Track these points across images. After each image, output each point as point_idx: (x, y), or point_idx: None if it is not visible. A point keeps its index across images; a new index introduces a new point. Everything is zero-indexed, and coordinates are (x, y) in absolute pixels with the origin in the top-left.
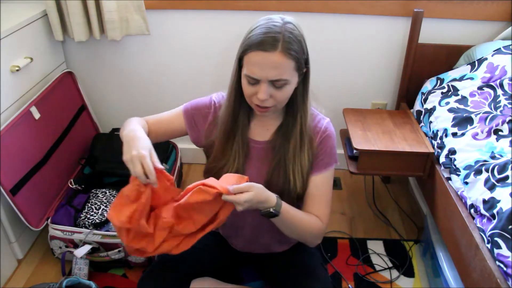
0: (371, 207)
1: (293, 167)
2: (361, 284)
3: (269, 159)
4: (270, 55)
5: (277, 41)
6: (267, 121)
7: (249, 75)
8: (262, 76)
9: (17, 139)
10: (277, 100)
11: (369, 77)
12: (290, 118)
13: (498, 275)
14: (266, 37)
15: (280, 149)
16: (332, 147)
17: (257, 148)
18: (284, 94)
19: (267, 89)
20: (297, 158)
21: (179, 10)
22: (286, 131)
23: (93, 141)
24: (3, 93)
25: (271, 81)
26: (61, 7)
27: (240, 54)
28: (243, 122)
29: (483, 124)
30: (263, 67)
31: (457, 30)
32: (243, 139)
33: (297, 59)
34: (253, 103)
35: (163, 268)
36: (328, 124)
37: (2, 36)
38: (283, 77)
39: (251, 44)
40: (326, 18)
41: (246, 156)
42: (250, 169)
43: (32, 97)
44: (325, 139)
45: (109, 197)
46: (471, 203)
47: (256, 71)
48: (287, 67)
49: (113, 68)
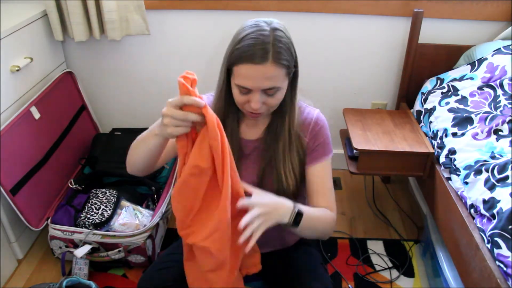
0: (371, 207)
1: (284, 167)
2: (361, 284)
3: (260, 158)
4: (262, 67)
5: (267, 53)
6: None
7: (241, 85)
8: (254, 87)
9: (17, 139)
10: (269, 106)
11: (369, 77)
12: (278, 118)
13: (498, 275)
14: (255, 49)
15: (270, 149)
16: (326, 137)
17: (249, 147)
18: (276, 100)
19: (259, 97)
20: (287, 157)
21: (179, 10)
22: (275, 131)
23: (93, 141)
24: (3, 93)
25: (264, 90)
26: (61, 7)
27: (228, 65)
28: (232, 125)
29: (483, 124)
30: (255, 79)
31: (457, 30)
32: (233, 141)
33: (287, 66)
34: (245, 109)
35: (163, 268)
36: (318, 114)
37: (2, 36)
38: (276, 85)
39: (240, 57)
40: (326, 18)
41: (239, 156)
42: (243, 169)
43: (32, 97)
44: (318, 129)
45: (109, 197)
46: (471, 203)
47: (248, 83)
48: (279, 76)
49: (113, 68)
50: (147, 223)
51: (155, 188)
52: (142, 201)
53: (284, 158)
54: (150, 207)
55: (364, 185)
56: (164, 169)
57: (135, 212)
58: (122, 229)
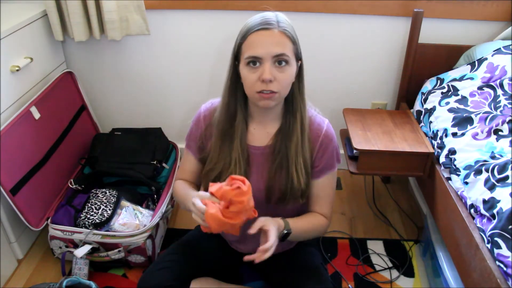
0: (371, 207)
1: (296, 164)
2: (361, 284)
3: (269, 162)
4: (271, 32)
5: (273, 23)
6: (266, 124)
7: (252, 55)
8: (265, 52)
9: (17, 139)
10: (280, 84)
11: (369, 77)
12: (289, 116)
13: (498, 275)
14: (262, 20)
15: (282, 149)
16: (333, 150)
17: (257, 154)
18: (286, 77)
19: (270, 68)
20: (299, 154)
21: (179, 10)
22: (287, 130)
23: (93, 141)
24: (3, 93)
25: (274, 58)
26: (61, 7)
27: (238, 44)
28: (241, 127)
29: (483, 124)
30: (265, 43)
31: (457, 30)
32: (242, 146)
33: (294, 41)
34: (257, 91)
35: (163, 268)
36: (328, 126)
37: (2, 36)
38: (285, 52)
39: (249, 28)
40: (326, 18)
41: (247, 163)
42: (252, 176)
43: (32, 97)
44: (327, 143)
45: (109, 197)
46: (471, 203)
47: (259, 49)
48: (287, 45)
49: (113, 68)
50: (147, 223)
51: (155, 188)
52: (142, 201)
53: (297, 154)
54: (150, 207)
55: (364, 185)
56: (164, 169)
57: (135, 212)
58: (122, 229)
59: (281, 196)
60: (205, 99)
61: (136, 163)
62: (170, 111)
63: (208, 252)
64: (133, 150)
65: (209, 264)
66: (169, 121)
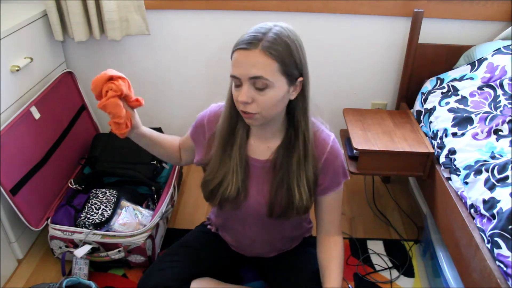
0: (371, 207)
1: (297, 181)
2: (361, 284)
3: (270, 179)
4: (250, 52)
5: (258, 40)
6: (267, 139)
7: (231, 74)
8: (241, 73)
9: (17, 139)
10: (260, 106)
11: (369, 77)
12: (291, 132)
13: (498, 275)
14: (249, 37)
15: (283, 166)
16: (339, 167)
17: (257, 166)
18: (267, 99)
19: (248, 90)
20: (302, 170)
21: (179, 10)
22: (289, 146)
23: (93, 141)
24: (3, 93)
25: (252, 81)
26: (61, 7)
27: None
28: (241, 136)
29: (483, 124)
30: (242, 64)
31: (457, 30)
32: (241, 155)
33: (281, 61)
34: (240, 109)
35: (163, 268)
36: (333, 142)
37: (2, 36)
38: (263, 75)
39: (236, 44)
40: (326, 18)
41: (246, 174)
42: (251, 188)
43: (32, 97)
44: (332, 160)
45: (109, 197)
46: (471, 203)
47: (237, 69)
48: (268, 67)
49: (113, 68)
50: (147, 223)
51: (155, 188)
52: (142, 201)
53: (299, 171)
54: (150, 207)
55: (364, 185)
56: (164, 169)
57: (135, 212)
58: (122, 229)
59: (282, 212)
60: (205, 99)
61: (136, 163)
62: (170, 111)
63: (208, 252)
64: (133, 150)
65: (209, 264)
66: (169, 121)
